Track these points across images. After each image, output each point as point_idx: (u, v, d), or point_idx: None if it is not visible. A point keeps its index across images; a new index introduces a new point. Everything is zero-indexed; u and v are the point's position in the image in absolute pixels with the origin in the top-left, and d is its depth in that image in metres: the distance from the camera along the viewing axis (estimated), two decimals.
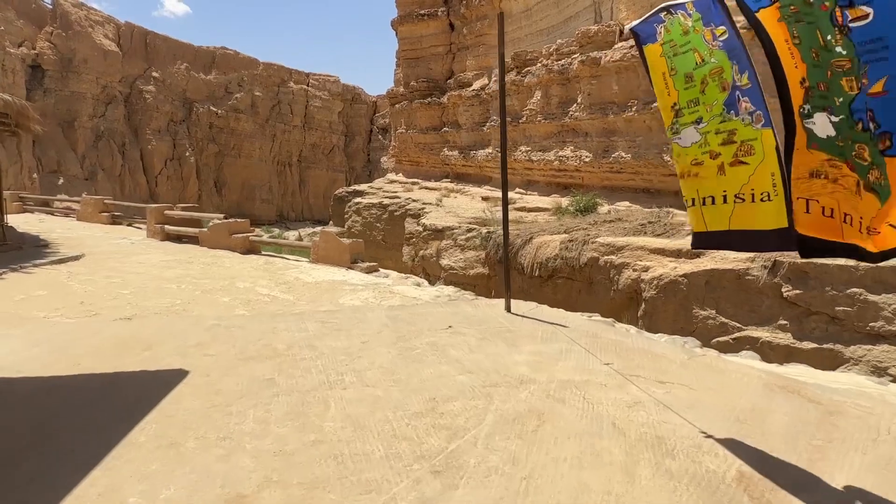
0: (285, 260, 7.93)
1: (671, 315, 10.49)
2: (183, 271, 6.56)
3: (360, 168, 65.62)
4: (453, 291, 7.03)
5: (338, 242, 7.51)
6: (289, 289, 6.01)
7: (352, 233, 25.83)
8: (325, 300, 5.48)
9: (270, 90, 57.67)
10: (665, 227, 11.72)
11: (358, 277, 7.15)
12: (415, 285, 7.12)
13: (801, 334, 9.45)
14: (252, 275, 6.66)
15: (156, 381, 2.98)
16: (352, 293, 5.95)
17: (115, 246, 8.18)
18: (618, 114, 16.06)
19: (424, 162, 30.46)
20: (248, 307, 5.00)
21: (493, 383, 3.08)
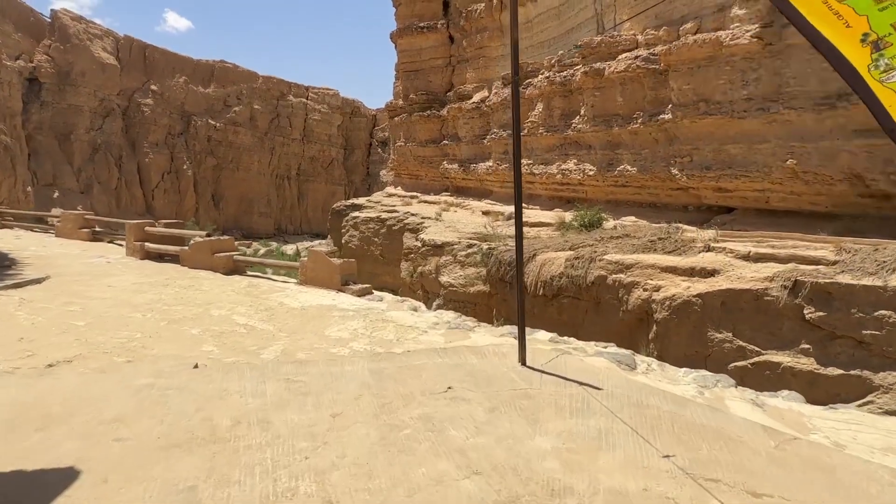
0: (271, 282, 7.32)
1: (685, 338, 9.87)
2: (155, 296, 5.95)
3: (360, 181, 65.29)
4: (453, 317, 6.42)
5: (328, 263, 6.91)
6: (270, 316, 5.40)
7: (349, 247, 25.24)
8: (308, 331, 4.87)
9: (269, 103, 57.50)
10: (676, 243, 11.15)
11: (349, 301, 6.55)
12: (411, 310, 6.51)
13: (825, 359, 8.83)
14: (232, 299, 6.05)
15: (21, 498, 2.08)
16: (340, 322, 5.34)
17: (87, 266, 7.59)
18: (622, 126, 15.56)
19: (424, 175, 29.99)
20: (219, 342, 4.38)
21: (512, 497, 2.27)
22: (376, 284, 23.71)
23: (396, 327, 5.18)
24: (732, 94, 12.46)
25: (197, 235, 7.97)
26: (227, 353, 4.08)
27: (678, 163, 13.95)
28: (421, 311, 6.62)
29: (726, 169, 12.86)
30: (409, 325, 5.46)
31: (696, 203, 14.56)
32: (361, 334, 4.83)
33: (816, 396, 9.01)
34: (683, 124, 13.58)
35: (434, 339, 5.09)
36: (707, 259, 10.40)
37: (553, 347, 5.12)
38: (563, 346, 5.31)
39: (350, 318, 5.60)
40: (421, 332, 5.23)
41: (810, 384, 8.76)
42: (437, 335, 5.25)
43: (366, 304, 6.44)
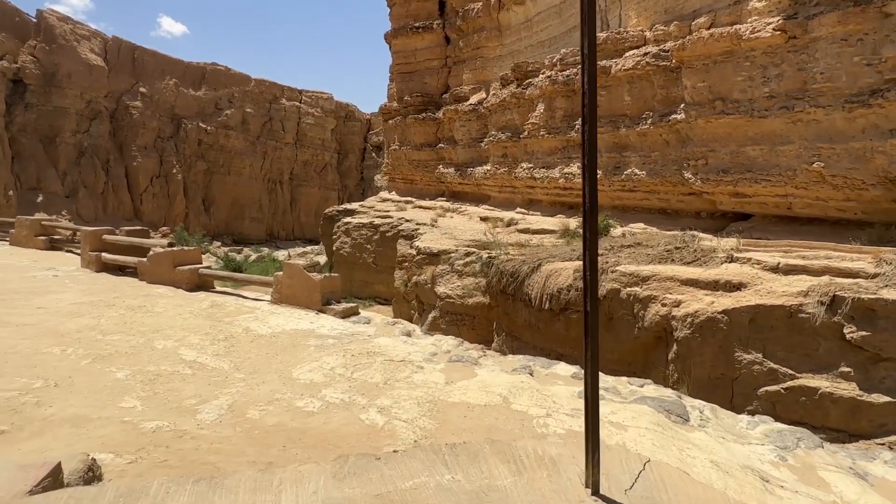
0: (240, 300, 6.28)
1: (709, 359, 8.88)
2: (91, 321, 4.91)
3: (354, 186, 64.24)
4: (454, 345, 5.39)
5: (306, 278, 5.88)
6: (229, 348, 4.37)
7: (340, 254, 24.18)
8: (273, 370, 3.84)
9: (262, 107, 56.45)
10: (695, 253, 10.18)
11: (330, 325, 5.52)
12: (403, 336, 5.48)
13: (868, 384, 7.86)
14: (186, 324, 5.01)
15: None
16: (315, 355, 4.31)
17: (26, 282, 6.53)
18: (630, 127, 14.64)
19: (419, 180, 29.02)
20: (148, 391, 3.35)
21: None
22: (368, 294, 22.72)
23: (385, 363, 4.15)
24: (752, 92, 11.55)
25: (157, 245, 6.91)
26: (153, 412, 3.04)
27: (692, 166, 13.02)
28: (415, 337, 5.59)
29: (745, 172, 11.94)
30: (400, 358, 4.44)
31: (711, 209, 13.63)
32: (340, 375, 3.80)
33: (860, 426, 8.01)
34: (698, 125, 12.66)
35: (432, 378, 4.07)
36: (731, 271, 9.43)
37: (579, 389, 4.09)
38: None
39: (329, 348, 4.57)
40: (415, 369, 4.20)
41: (852, 412, 7.79)
42: (435, 372, 4.23)
43: (350, 329, 5.41)
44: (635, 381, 4.69)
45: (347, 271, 23.79)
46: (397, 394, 3.52)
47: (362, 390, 3.51)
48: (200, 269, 6.60)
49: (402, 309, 19.54)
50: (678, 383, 9.20)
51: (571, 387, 4.23)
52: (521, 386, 3.92)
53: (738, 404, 8.83)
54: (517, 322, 11.90)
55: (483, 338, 14.30)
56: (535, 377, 4.50)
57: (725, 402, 8.93)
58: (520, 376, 4.36)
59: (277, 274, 6.11)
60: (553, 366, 4.96)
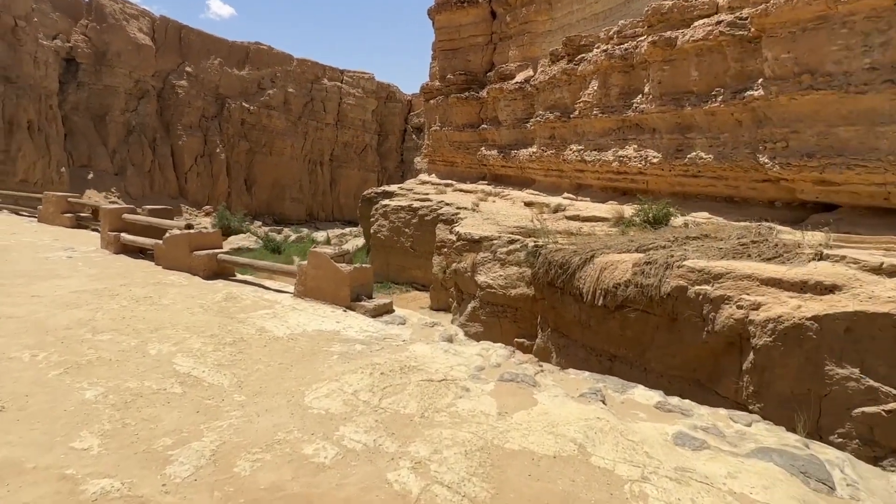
0: (260, 291, 5.55)
1: (793, 372, 7.68)
2: (87, 313, 4.27)
3: (393, 168, 63.73)
4: (504, 355, 4.51)
5: (333, 270, 5.09)
6: (235, 356, 3.61)
7: (377, 238, 23.57)
8: (281, 392, 3.06)
9: (304, 87, 56.33)
10: (775, 248, 8.89)
11: (358, 325, 4.72)
12: (444, 342, 4.63)
13: None
14: (193, 322, 4.29)
15: None
16: (338, 369, 3.50)
17: (37, 263, 6.01)
18: (696, 105, 13.20)
19: (459, 162, 28.02)
20: (116, 424, 2.58)
21: None
22: (405, 279, 22.03)
23: (422, 385, 3.30)
24: (849, 64, 10.01)
25: (175, 227, 6.27)
26: (109, 458, 2.28)
27: (769, 149, 11.55)
28: (458, 343, 4.72)
29: (834, 157, 10.44)
30: (441, 375, 3.58)
31: (788, 198, 12.14)
32: (364, 403, 2.96)
33: None
34: (779, 102, 11.17)
35: (481, 406, 3.20)
36: (822, 270, 8.13)
37: (674, 431, 3.13)
38: (686, 424, 3.32)
39: (355, 358, 3.76)
40: (460, 393, 3.34)
41: None
42: (485, 397, 3.35)
43: (381, 331, 4.59)
44: (738, 415, 3.68)
45: (384, 255, 23.18)
46: (438, 435, 2.66)
47: (392, 427, 2.67)
48: (219, 255, 5.92)
49: (440, 296, 18.76)
50: (754, 398, 8.06)
51: (661, 424, 3.28)
52: (597, 426, 2.99)
53: (826, 425, 7.64)
54: (565, 318, 10.91)
55: (526, 332, 13.35)
56: (609, 406, 3.57)
57: (811, 422, 7.75)
58: (591, 406, 3.43)
59: (302, 264, 5.34)
60: (629, 390, 4.01)
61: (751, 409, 8.08)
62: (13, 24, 34.52)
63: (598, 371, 10.41)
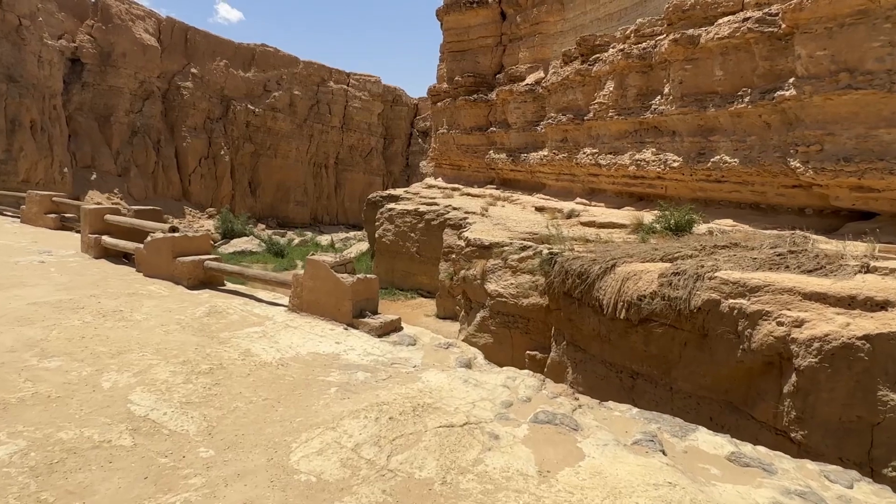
0: (250, 304, 4.88)
1: (841, 396, 6.93)
2: (41, 332, 3.61)
3: (399, 172, 63.19)
4: (534, 387, 3.83)
5: (334, 282, 4.42)
6: (208, 390, 2.94)
7: (382, 242, 22.91)
8: (261, 445, 2.38)
9: (310, 89, 55.94)
10: (817, 259, 8.17)
11: (361, 347, 4.04)
12: (462, 369, 3.96)
13: None
14: (165, 343, 3.62)
15: None
16: (335, 410, 2.82)
17: (7, 268, 5.36)
18: (721, 107, 12.50)
19: (467, 166, 27.39)
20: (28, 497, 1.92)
21: None
22: (411, 285, 21.32)
23: (441, 433, 2.61)
24: (893, 61, 9.30)
25: (158, 230, 5.61)
26: None
27: (801, 153, 10.83)
28: (478, 370, 4.03)
29: (875, 161, 9.71)
30: (462, 418, 2.90)
31: (819, 205, 11.41)
32: (368, 464, 2.28)
33: None
34: (812, 102, 10.46)
35: (515, 463, 2.51)
36: (872, 285, 7.40)
37: (767, 501, 2.43)
38: (776, 487, 2.62)
39: (356, 392, 3.08)
40: (488, 444, 2.66)
41: None
42: (518, 448, 2.67)
43: (388, 354, 3.91)
44: (830, 471, 2.97)
45: (389, 260, 22.53)
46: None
47: (405, 499, 1.99)
48: (206, 262, 5.26)
49: (447, 304, 18.07)
50: (796, 424, 7.32)
51: (746, 487, 2.59)
52: (671, 497, 2.28)
53: (878, 457, 6.88)
54: (583, 330, 10.21)
55: (538, 344, 12.64)
56: (671, 458, 2.87)
57: (862, 452, 7.01)
58: (652, 460, 2.73)
59: (297, 274, 4.67)
60: (690, 434, 3.30)
61: (793, 437, 7.34)
62: (17, 24, 34.21)
63: (619, 389, 9.68)
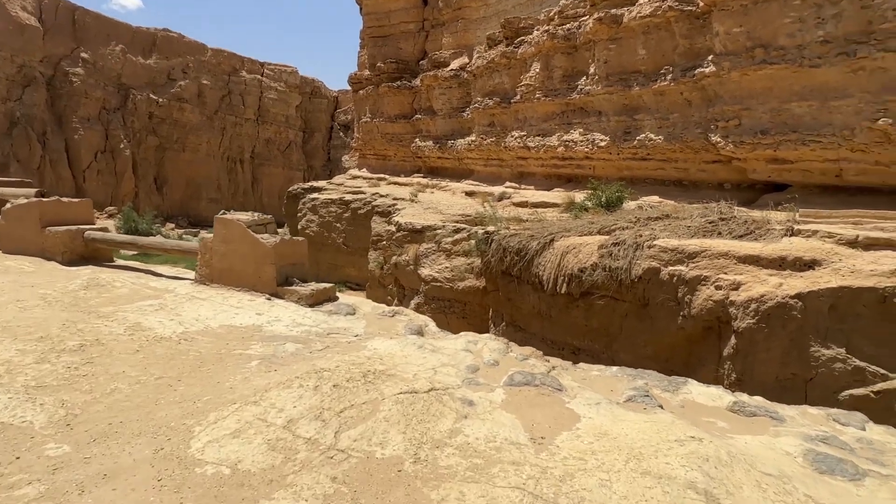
0: (145, 277, 3.98)
1: (777, 355, 7.05)
2: None
3: (320, 167, 60.94)
4: (499, 350, 3.32)
5: (252, 243, 3.64)
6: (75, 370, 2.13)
7: (306, 234, 21.66)
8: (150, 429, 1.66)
9: (220, 79, 52.45)
10: (746, 224, 8.35)
11: (289, 317, 3.32)
12: (413, 336, 3.35)
13: None
14: (16, 320, 2.71)
15: None
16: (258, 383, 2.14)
17: None
18: (645, 85, 12.71)
19: (392, 155, 26.63)
20: None
21: None
22: (338, 278, 20.24)
23: (402, 401, 2.00)
24: (803, 37, 9.73)
25: (21, 196, 4.50)
26: None
27: (720, 128, 11.18)
28: (431, 336, 3.45)
29: (788, 133, 10.16)
30: (426, 384, 2.31)
31: (738, 179, 11.87)
32: (308, 444, 1.63)
33: None
34: (730, 78, 10.80)
35: (501, 430, 1.96)
36: (798, 246, 7.62)
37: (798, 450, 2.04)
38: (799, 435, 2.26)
39: (286, 363, 2.39)
40: (463, 411, 2.09)
41: None
42: (501, 415, 2.11)
43: (324, 324, 3.23)
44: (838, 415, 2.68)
45: (314, 253, 21.30)
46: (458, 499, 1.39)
47: (369, 492, 1.37)
48: (87, 233, 4.25)
49: (378, 294, 17.30)
50: (737, 386, 7.37)
51: (765, 437, 2.20)
52: (703, 452, 1.82)
53: None
54: (522, 309, 9.92)
55: (476, 327, 12.25)
56: (671, 411, 2.44)
57: None
58: (657, 415, 2.29)
59: (206, 238, 3.83)
60: (681, 388, 2.92)
61: None
62: None
63: None
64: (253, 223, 3.77)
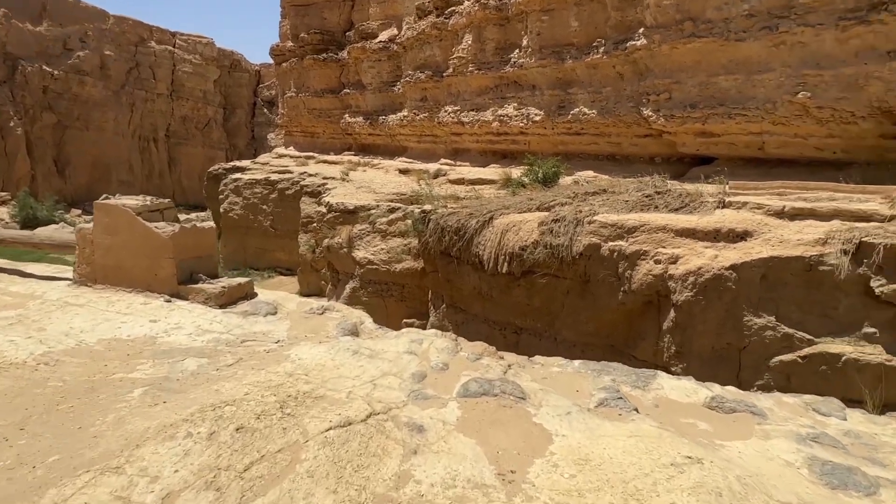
0: (6, 279, 3.22)
1: (713, 326, 7.17)
2: None
3: (244, 146, 57.66)
4: (450, 349, 2.91)
5: (143, 234, 3.00)
6: None
7: (230, 218, 20.28)
8: None
9: (126, 50, 47.95)
10: (681, 197, 8.41)
11: (193, 324, 2.74)
12: (347, 338, 2.87)
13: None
14: None
15: None
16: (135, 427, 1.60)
17: None
18: (578, 59, 12.58)
19: (321, 132, 25.39)
20: None
21: None
22: (267, 264, 19.10)
23: (331, 442, 1.53)
24: (729, 10, 9.86)
25: None
26: None
27: (652, 101, 11.26)
28: (368, 335, 2.97)
29: (716, 107, 10.36)
30: (361, 406, 1.86)
31: (668, 153, 12.08)
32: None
33: (889, 397, 6.68)
34: (661, 52, 10.84)
35: (462, 467, 1.54)
36: (730, 217, 7.74)
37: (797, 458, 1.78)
38: (789, 435, 2.01)
39: (179, 391, 1.86)
40: (412, 444, 1.64)
41: (881, 381, 6.44)
42: (458, 442, 1.70)
43: (238, 330, 2.69)
44: (815, 402, 2.49)
45: (240, 238, 20.03)
46: None
47: None
48: None
49: (310, 279, 16.48)
50: (676, 358, 7.46)
51: (754, 440, 1.92)
52: (706, 480, 1.49)
53: (746, 379, 7.24)
54: (463, 291, 9.62)
55: (415, 311, 11.86)
56: (647, 414, 2.13)
57: (732, 376, 7.33)
58: (638, 425, 1.98)
59: (84, 228, 3.13)
60: (650, 382, 2.65)
61: (673, 371, 7.48)
62: None
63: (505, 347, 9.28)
64: (144, 209, 3.11)
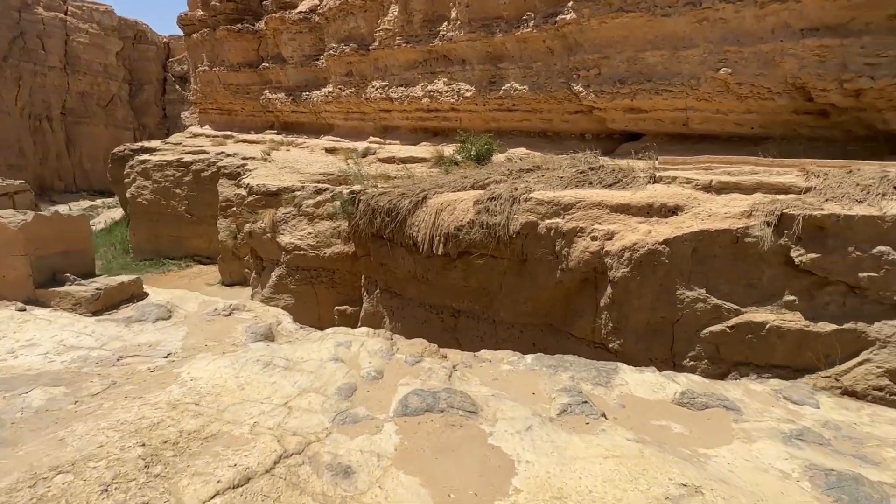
0: None
1: (648, 301, 7.20)
2: None
3: (155, 125, 53.33)
4: (385, 352, 2.44)
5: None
6: None
7: (139, 203, 18.55)
8: None
9: (7, 17, 42.63)
10: (614, 173, 8.38)
11: (53, 340, 2.12)
12: (259, 345, 2.31)
13: (813, 312, 6.85)
14: None
15: None
16: None
17: None
18: (508, 32, 12.28)
19: (239, 109, 23.76)
20: None
21: None
22: (184, 252, 17.66)
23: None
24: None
25: None
26: None
27: (582, 77, 11.19)
28: (287, 343, 2.48)
29: (644, 83, 10.44)
30: (268, 446, 1.38)
31: (598, 130, 12.13)
32: None
33: (807, 361, 7.02)
34: (590, 26, 10.75)
35: None
36: (661, 192, 7.79)
37: (791, 467, 1.53)
38: (774, 435, 1.78)
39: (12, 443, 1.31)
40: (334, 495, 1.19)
41: (799, 346, 6.75)
42: (395, 484, 1.29)
43: (116, 343, 2.12)
44: (793, 392, 2.31)
45: (151, 225, 18.39)
46: None
47: None
48: None
49: (232, 268, 15.39)
50: (613, 335, 7.46)
51: (742, 447, 1.65)
52: None
53: (679, 351, 7.39)
54: (397, 274, 9.18)
55: (348, 297, 11.30)
56: (615, 419, 1.84)
57: (666, 350, 7.46)
58: (612, 439, 1.68)
59: None
60: (613, 377, 2.38)
61: (610, 348, 7.49)
62: None
63: (442, 331, 8.99)
64: None
